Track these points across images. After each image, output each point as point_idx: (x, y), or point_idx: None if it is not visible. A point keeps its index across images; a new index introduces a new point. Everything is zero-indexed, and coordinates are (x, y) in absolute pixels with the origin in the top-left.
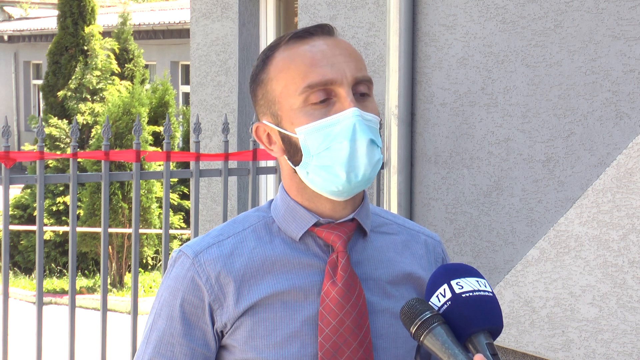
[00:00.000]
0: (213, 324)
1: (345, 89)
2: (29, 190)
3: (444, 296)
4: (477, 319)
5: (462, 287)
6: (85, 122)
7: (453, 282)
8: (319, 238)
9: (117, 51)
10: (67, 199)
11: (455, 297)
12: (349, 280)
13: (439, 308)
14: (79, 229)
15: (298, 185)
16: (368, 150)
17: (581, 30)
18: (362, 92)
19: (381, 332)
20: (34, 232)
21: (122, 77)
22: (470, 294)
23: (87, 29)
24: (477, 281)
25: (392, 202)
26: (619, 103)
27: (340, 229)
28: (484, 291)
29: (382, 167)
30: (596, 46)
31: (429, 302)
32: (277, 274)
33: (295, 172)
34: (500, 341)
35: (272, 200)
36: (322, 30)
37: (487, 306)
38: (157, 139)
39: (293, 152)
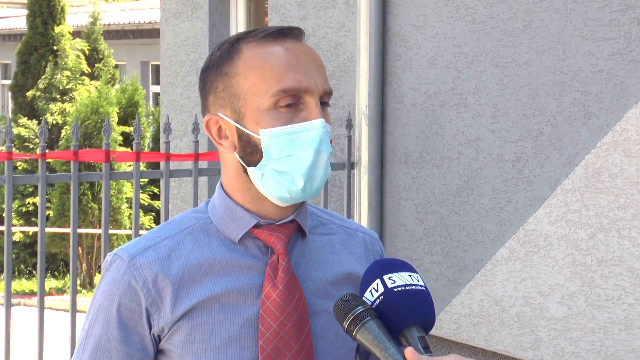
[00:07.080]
0: (150, 328)
1: (315, 98)
2: None
3: (377, 291)
4: (409, 312)
5: (395, 282)
6: (55, 122)
7: (385, 277)
8: (258, 240)
9: (87, 51)
10: (36, 199)
11: (388, 291)
12: (290, 283)
13: (372, 303)
14: (48, 230)
15: (242, 186)
16: (326, 163)
17: (550, 31)
18: (324, 102)
19: (321, 334)
20: (2, 233)
21: (92, 77)
22: (402, 288)
23: (57, 29)
24: (410, 275)
25: (362, 202)
26: (587, 103)
27: (281, 230)
28: (416, 285)
29: (353, 167)
30: (564, 46)
31: (363, 297)
32: (215, 276)
33: (244, 171)
34: (470, 340)
35: (209, 200)
36: (293, 34)
37: (419, 300)
38: (127, 139)
39: (250, 151)
